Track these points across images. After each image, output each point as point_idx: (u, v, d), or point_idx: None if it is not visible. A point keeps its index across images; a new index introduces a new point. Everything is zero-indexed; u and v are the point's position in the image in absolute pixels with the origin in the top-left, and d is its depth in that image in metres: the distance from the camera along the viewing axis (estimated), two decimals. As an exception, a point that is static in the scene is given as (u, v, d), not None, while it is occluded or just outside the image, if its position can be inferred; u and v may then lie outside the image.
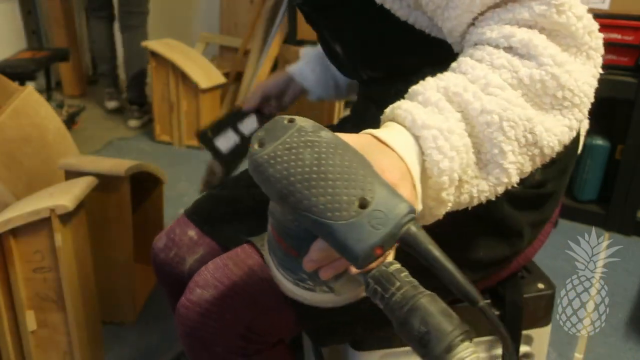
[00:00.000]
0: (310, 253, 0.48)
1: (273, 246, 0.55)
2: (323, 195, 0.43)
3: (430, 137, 0.50)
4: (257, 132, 0.47)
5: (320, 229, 0.44)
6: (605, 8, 1.72)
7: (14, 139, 1.37)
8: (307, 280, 0.54)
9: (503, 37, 0.54)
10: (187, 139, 2.62)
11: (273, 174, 0.45)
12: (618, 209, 1.89)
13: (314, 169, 0.44)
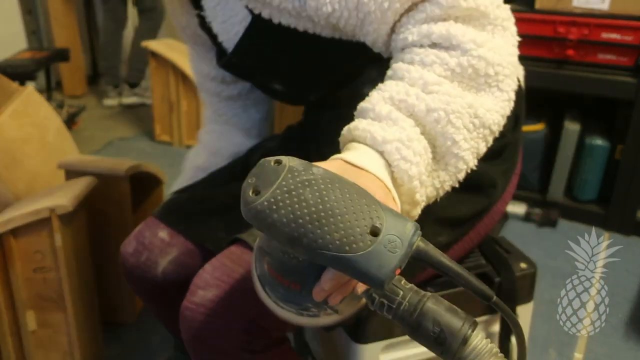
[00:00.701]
0: (322, 284, 0.49)
1: (271, 284, 0.55)
2: (336, 231, 0.45)
3: (394, 150, 0.53)
4: (247, 180, 0.47)
5: (338, 263, 0.45)
6: (605, 8, 1.72)
7: (14, 139, 1.37)
8: (311, 309, 0.55)
9: (424, 37, 0.58)
10: (187, 139, 2.62)
11: (279, 219, 0.45)
12: (618, 209, 1.89)
13: (319, 207, 0.45)
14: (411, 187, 0.55)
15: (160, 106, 2.63)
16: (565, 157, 1.95)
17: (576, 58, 1.79)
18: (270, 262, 0.53)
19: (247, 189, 0.47)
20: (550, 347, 1.38)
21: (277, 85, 0.83)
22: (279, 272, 0.53)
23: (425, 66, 0.57)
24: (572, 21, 1.73)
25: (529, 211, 1.97)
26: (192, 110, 2.56)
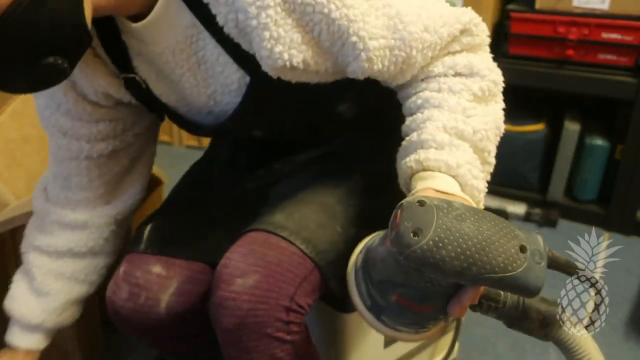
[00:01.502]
0: (463, 301, 0.58)
1: (397, 312, 0.60)
2: (499, 255, 0.51)
3: (467, 172, 0.63)
4: (402, 223, 0.52)
5: (502, 282, 0.52)
6: (605, 8, 1.72)
7: (14, 139, 1.37)
8: (429, 325, 0.63)
9: (449, 68, 0.69)
10: (187, 139, 2.62)
11: (447, 255, 0.50)
12: (618, 209, 1.89)
13: (479, 237, 0.51)
14: (480, 199, 0.65)
15: (160, 106, 2.63)
16: (565, 157, 1.95)
17: (576, 58, 1.78)
18: (404, 293, 0.58)
19: (406, 233, 0.51)
20: (550, 347, 1.38)
21: (257, 132, 0.84)
22: (414, 300, 0.58)
23: (455, 93, 0.67)
24: (572, 21, 1.73)
25: (529, 211, 1.97)
26: (192, 110, 2.56)
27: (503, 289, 0.56)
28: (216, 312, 0.71)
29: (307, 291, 0.73)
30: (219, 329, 0.72)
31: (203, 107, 0.78)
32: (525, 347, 1.39)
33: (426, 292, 0.57)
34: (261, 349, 0.70)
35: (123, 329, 0.88)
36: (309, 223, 0.75)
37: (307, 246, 0.73)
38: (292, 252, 0.72)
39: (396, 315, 0.61)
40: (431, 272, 0.54)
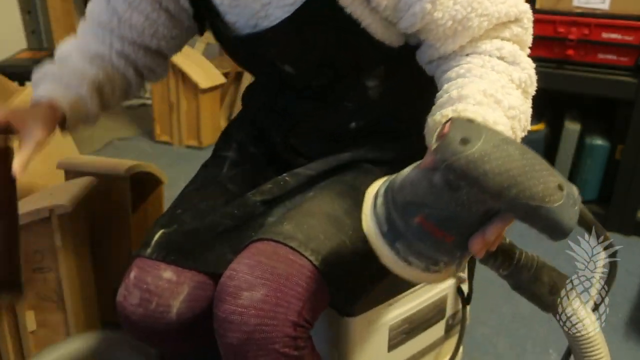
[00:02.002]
0: (488, 235, 0.56)
1: (412, 237, 0.57)
2: (539, 184, 0.50)
3: (504, 131, 0.63)
4: (451, 131, 0.52)
5: (535, 213, 0.51)
6: (605, 8, 1.72)
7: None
8: (440, 263, 0.59)
9: (497, 49, 0.72)
10: (187, 139, 2.62)
11: (490, 169, 0.50)
12: (618, 209, 1.89)
13: (524, 162, 0.51)
14: None
15: (160, 106, 2.63)
16: (565, 157, 1.95)
17: (576, 58, 1.78)
18: (430, 215, 0.55)
19: (454, 140, 0.51)
20: (550, 347, 1.38)
21: (288, 68, 0.83)
22: (438, 224, 0.56)
23: (497, 73, 0.70)
24: (573, 21, 1.73)
25: (529, 211, 1.97)
26: (192, 110, 2.56)
27: (534, 221, 0.52)
28: (221, 327, 0.69)
29: (314, 305, 0.71)
30: (223, 343, 0.70)
31: (251, 17, 0.79)
32: (525, 347, 1.39)
33: (453, 217, 0.55)
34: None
35: (133, 333, 0.86)
36: (318, 234, 0.73)
37: (316, 257, 0.71)
38: (302, 265, 0.70)
39: (414, 240, 0.57)
40: (471, 186, 0.51)
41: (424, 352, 1.08)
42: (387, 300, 0.94)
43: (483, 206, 0.54)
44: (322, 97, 0.86)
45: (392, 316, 0.96)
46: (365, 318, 0.92)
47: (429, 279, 0.61)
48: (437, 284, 0.80)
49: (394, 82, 0.85)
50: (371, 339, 0.94)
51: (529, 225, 0.53)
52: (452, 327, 1.11)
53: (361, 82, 0.83)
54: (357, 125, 0.86)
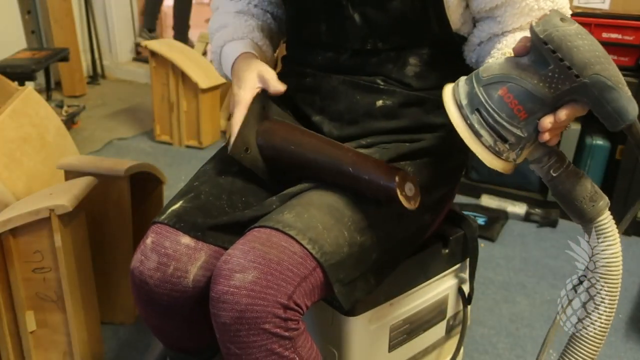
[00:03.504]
0: (560, 115, 0.64)
1: (491, 108, 0.65)
2: (616, 72, 0.61)
3: None
4: (552, 12, 0.62)
5: (610, 93, 0.61)
6: (605, 8, 1.72)
7: (14, 139, 1.37)
8: (506, 144, 0.66)
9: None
10: (187, 138, 2.62)
11: (583, 45, 0.59)
12: (618, 209, 1.88)
13: (605, 53, 0.61)
14: None
15: (160, 106, 2.62)
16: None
17: (576, 58, 1.79)
18: (512, 87, 0.64)
19: (555, 17, 0.61)
20: (550, 348, 1.38)
21: (357, 17, 0.85)
22: (517, 96, 0.64)
23: None
24: (572, 21, 1.73)
25: (529, 211, 1.97)
26: (192, 110, 2.56)
27: (605, 101, 0.60)
28: (215, 307, 0.72)
29: (306, 292, 0.73)
30: (217, 323, 0.72)
31: None
32: (525, 347, 1.39)
33: (533, 93, 0.63)
34: (259, 343, 0.71)
35: (146, 300, 0.84)
36: (316, 224, 0.75)
37: (313, 246, 0.73)
38: (293, 251, 0.73)
39: (491, 110, 0.65)
40: (562, 59, 0.60)
41: (424, 353, 1.07)
42: (388, 300, 0.94)
43: (565, 84, 0.61)
44: (358, 67, 0.88)
45: (393, 316, 0.96)
46: (366, 318, 0.92)
47: (489, 159, 0.67)
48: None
49: (430, 68, 0.88)
50: (372, 339, 0.95)
51: (597, 109, 0.62)
52: (452, 327, 1.11)
53: (402, 58, 0.87)
54: (383, 103, 0.88)
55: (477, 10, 0.85)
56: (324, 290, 0.77)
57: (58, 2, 3.21)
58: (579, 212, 0.68)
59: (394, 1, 0.82)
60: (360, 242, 0.78)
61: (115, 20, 3.67)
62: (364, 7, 0.84)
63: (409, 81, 0.88)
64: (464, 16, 0.86)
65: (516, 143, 0.66)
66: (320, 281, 0.75)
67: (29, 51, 2.69)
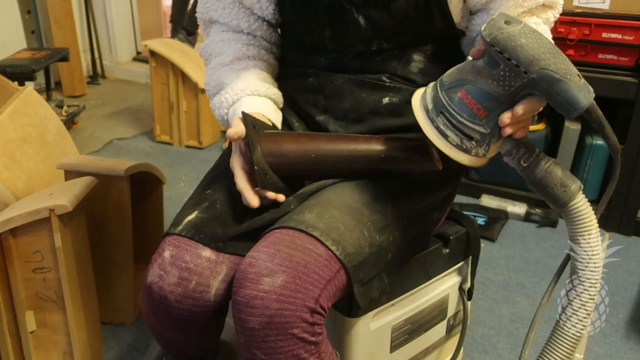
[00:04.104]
0: (517, 110, 0.67)
1: (452, 110, 0.70)
2: (563, 64, 0.63)
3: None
4: (498, 16, 0.66)
5: (558, 85, 0.63)
6: (605, 8, 1.72)
7: (14, 139, 1.37)
8: (472, 141, 0.70)
9: (535, 24, 0.83)
10: (186, 139, 2.62)
11: (527, 43, 0.63)
12: (618, 209, 1.89)
13: (552, 48, 0.64)
14: None
15: (160, 106, 2.62)
16: (566, 157, 1.95)
17: (577, 58, 1.78)
18: (470, 89, 0.68)
19: (500, 20, 0.65)
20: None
21: (361, 20, 0.85)
22: (475, 96, 0.68)
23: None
24: (573, 21, 1.73)
25: (529, 211, 1.97)
26: (192, 110, 2.56)
27: (555, 93, 0.63)
28: (242, 311, 0.69)
29: (330, 294, 0.72)
30: (244, 328, 0.70)
31: None
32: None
33: (489, 92, 0.67)
34: (286, 349, 0.69)
35: (164, 315, 0.81)
36: (338, 225, 0.75)
37: (337, 247, 0.73)
38: (318, 254, 0.72)
39: (454, 112, 0.69)
40: (509, 59, 0.64)
41: (425, 352, 1.08)
42: (390, 301, 0.94)
43: (516, 81, 0.65)
44: (363, 66, 0.88)
45: (395, 317, 0.96)
46: (368, 319, 0.92)
47: (459, 156, 0.71)
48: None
49: (434, 64, 0.88)
50: (374, 339, 0.95)
51: (550, 100, 0.65)
52: (453, 327, 1.11)
53: (406, 55, 0.87)
54: (390, 100, 0.88)
55: (474, 4, 0.85)
56: (345, 291, 0.76)
57: (58, 2, 3.21)
58: (552, 198, 0.70)
59: (398, 1, 0.82)
60: (379, 242, 0.78)
61: (115, 20, 3.67)
62: (367, 9, 0.84)
63: (414, 77, 0.88)
64: (462, 10, 0.87)
65: (481, 139, 0.70)
66: (343, 283, 0.74)
67: (29, 51, 2.69)
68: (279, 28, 1.01)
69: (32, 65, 2.42)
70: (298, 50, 0.96)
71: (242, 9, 0.94)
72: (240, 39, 0.96)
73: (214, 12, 0.96)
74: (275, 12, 0.94)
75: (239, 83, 0.91)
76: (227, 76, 0.93)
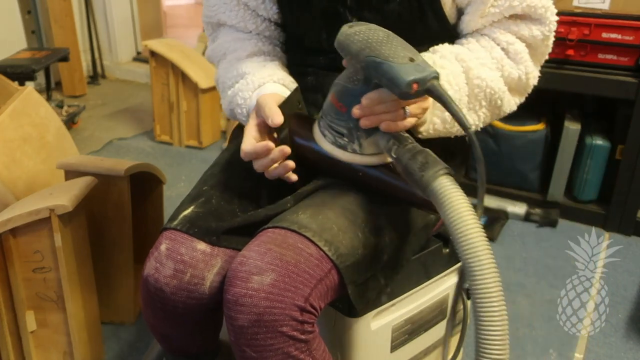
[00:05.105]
0: (362, 101, 0.71)
1: (326, 111, 0.77)
2: (389, 50, 0.67)
3: (454, 83, 0.79)
4: (348, 24, 0.73)
5: (380, 67, 0.66)
6: (605, 8, 1.72)
7: (14, 139, 1.37)
8: (344, 137, 0.75)
9: (506, 42, 0.83)
10: (187, 139, 2.62)
11: (357, 39, 0.69)
12: (618, 209, 1.89)
13: (384, 39, 0.69)
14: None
15: (160, 106, 2.62)
16: (566, 157, 1.95)
17: (576, 58, 1.78)
18: (335, 90, 0.75)
19: (345, 27, 0.72)
20: (550, 347, 1.38)
21: (368, 14, 0.85)
22: (337, 95, 0.75)
23: (491, 57, 0.83)
24: (572, 21, 1.73)
25: (529, 211, 1.97)
26: (192, 110, 2.56)
27: (380, 76, 0.67)
28: (232, 309, 0.71)
29: (321, 293, 0.73)
30: (233, 326, 0.71)
31: None
32: (525, 347, 1.39)
33: (345, 89, 0.73)
34: (276, 347, 0.70)
35: (158, 312, 0.83)
36: (331, 225, 0.75)
37: (329, 248, 0.73)
38: (310, 253, 0.72)
39: (327, 113, 0.77)
40: (345, 54, 0.71)
41: (426, 352, 1.08)
42: (390, 301, 0.94)
43: (359, 74, 0.71)
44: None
45: (395, 317, 0.96)
46: (369, 319, 0.92)
47: (338, 153, 0.77)
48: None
49: None
50: (374, 340, 0.95)
51: (381, 84, 0.68)
52: (453, 327, 1.11)
53: None
54: None
55: (458, 3, 0.85)
56: (338, 291, 0.76)
57: (58, 2, 3.21)
58: (415, 184, 0.69)
59: (391, 3, 0.82)
60: (374, 244, 0.78)
61: (115, 20, 3.67)
62: (361, 12, 0.84)
63: None
64: (456, 10, 0.87)
65: (350, 134, 0.75)
66: (335, 283, 0.75)
67: (29, 51, 2.69)
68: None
69: (33, 65, 2.42)
70: (297, 49, 0.97)
71: (248, 11, 0.94)
72: (252, 38, 0.97)
73: (221, 15, 0.96)
74: (279, 13, 0.94)
75: (264, 70, 0.90)
76: (249, 66, 0.92)
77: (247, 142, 0.79)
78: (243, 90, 0.89)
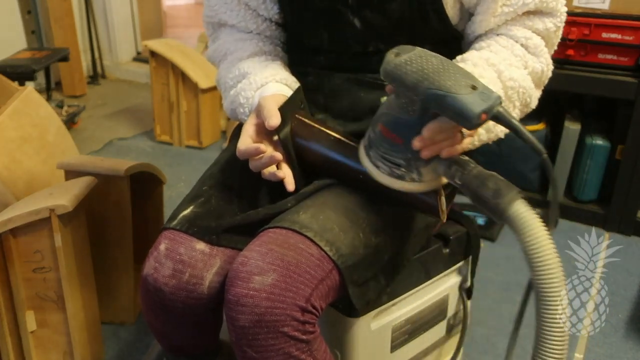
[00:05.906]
0: (423, 132, 0.68)
1: (377, 143, 0.74)
2: (449, 80, 0.64)
3: (494, 89, 0.74)
4: (392, 49, 0.68)
5: (444, 100, 0.64)
6: (605, 8, 1.72)
7: (14, 139, 1.37)
8: (401, 168, 0.73)
9: (524, 37, 0.83)
10: (187, 139, 2.62)
11: (410, 69, 0.65)
12: (618, 209, 1.89)
13: (440, 67, 0.65)
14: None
15: (160, 106, 2.63)
16: (566, 157, 1.95)
17: (576, 58, 1.78)
18: (385, 121, 0.72)
19: (391, 54, 0.67)
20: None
21: (357, 22, 0.84)
22: (389, 126, 0.71)
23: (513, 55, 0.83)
24: (573, 21, 1.73)
25: (529, 211, 1.97)
26: (192, 110, 2.56)
27: (445, 109, 0.64)
28: (233, 309, 0.70)
29: (323, 294, 0.73)
30: (234, 326, 0.71)
31: None
32: (525, 347, 1.39)
33: (399, 120, 0.70)
34: (277, 347, 0.70)
35: (158, 312, 0.83)
36: (333, 226, 0.75)
37: (330, 248, 0.73)
38: (311, 253, 0.72)
39: (379, 145, 0.74)
40: (399, 86, 0.67)
41: (426, 352, 1.08)
42: (391, 301, 0.94)
43: (414, 105, 0.68)
44: (361, 66, 0.88)
45: (395, 317, 0.97)
46: (369, 319, 0.92)
47: (394, 183, 0.74)
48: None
49: None
50: (374, 340, 0.95)
51: (447, 116, 0.65)
52: (453, 327, 1.12)
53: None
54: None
55: (467, 5, 0.84)
56: (339, 291, 0.76)
57: (58, 2, 3.21)
58: (491, 211, 0.68)
59: (393, 3, 0.82)
60: (375, 244, 0.78)
61: (115, 20, 3.67)
62: (363, 11, 0.84)
63: None
64: (460, 11, 0.86)
65: (408, 165, 0.72)
66: (336, 283, 0.75)
67: (29, 51, 2.69)
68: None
69: (33, 65, 2.42)
70: (298, 49, 0.96)
71: (249, 11, 0.94)
72: (253, 38, 0.97)
73: (223, 14, 0.96)
74: (280, 13, 0.94)
75: (267, 70, 0.90)
76: (251, 66, 0.91)
77: (243, 141, 0.79)
78: (245, 90, 0.89)
